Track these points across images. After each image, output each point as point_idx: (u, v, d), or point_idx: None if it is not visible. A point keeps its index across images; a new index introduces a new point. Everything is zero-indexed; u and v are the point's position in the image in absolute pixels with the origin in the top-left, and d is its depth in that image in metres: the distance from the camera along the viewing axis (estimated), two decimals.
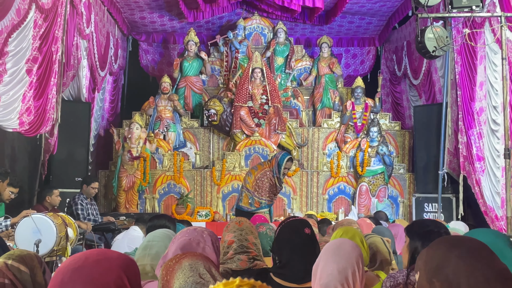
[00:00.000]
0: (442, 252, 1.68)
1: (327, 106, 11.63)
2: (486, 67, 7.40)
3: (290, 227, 3.20)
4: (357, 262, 2.45)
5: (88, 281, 1.48)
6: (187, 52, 11.57)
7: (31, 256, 2.37)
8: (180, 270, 1.96)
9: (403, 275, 2.78)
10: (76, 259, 1.55)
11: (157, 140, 10.57)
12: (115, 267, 1.54)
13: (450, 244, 1.70)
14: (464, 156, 8.32)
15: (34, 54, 7.12)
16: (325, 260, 2.44)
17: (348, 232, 3.35)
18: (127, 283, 1.56)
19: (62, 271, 1.51)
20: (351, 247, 2.51)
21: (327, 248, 2.50)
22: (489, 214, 7.53)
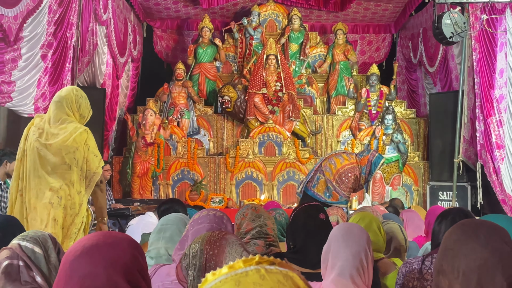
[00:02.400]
0: (448, 235, 1.71)
1: (341, 93, 11.56)
2: (507, 53, 7.30)
3: (304, 213, 3.19)
4: (368, 244, 2.46)
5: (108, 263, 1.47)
6: (201, 39, 11.54)
7: (45, 237, 2.37)
8: (229, 245, 1.97)
9: (418, 261, 2.77)
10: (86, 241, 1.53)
11: (171, 127, 10.59)
12: (128, 247, 1.54)
13: (456, 226, 1.72)
14: (481, 144, 8.24)
15: (49, 40, 7.15)
16: (336, 246, 2.43)
17: (365, 218, 3.33)
18: (142, 262, 1.56)
19: (72, 255, 1.50)
20: (360, 230, 2.52)
21: (336, 233, 2.50)
22: (508, 202, 7.47)
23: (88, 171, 4.15)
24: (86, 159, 4.12)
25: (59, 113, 4.12)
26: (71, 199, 4.12)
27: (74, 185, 4.12)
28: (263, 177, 10.36)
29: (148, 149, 9.99)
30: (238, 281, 0.95)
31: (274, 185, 10.36)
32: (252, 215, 3.57)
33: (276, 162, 10.40)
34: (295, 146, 10.40)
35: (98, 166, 4.16)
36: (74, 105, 4.15)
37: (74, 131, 4.07)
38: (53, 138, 4.09)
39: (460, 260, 1.59)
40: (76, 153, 4.08)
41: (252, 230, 3.51)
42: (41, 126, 4.13)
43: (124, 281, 1.46)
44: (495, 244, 1.59)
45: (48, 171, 4.08)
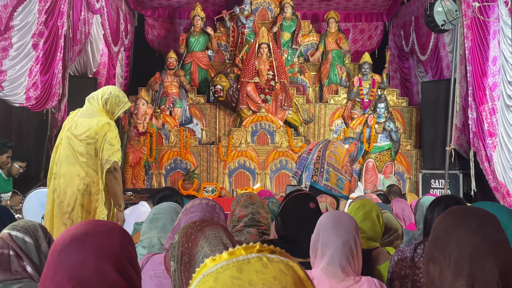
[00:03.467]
0: (438, 222, 1.71)
1: (334, 82, 11.55)
2: (500, 41, 7.29)
3: (294, 202, 3.19)
4: (357, 232, 2.47)
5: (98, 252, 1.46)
6: (193, 27, 11.48)
7: (35, 226, 2.37)
8: (203, 238, 1.96)
9: (410, 249, 2.78)
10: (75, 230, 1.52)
11: (163, 116, 10.56)
12: (117, 236, 1.53)
13: (447, 213, 1.71)
14: (473, 132, 8.25)
15: (40, 29, 7.09)
16: (325, 235, 2.43)
17: (366, 206, 3.32)
18: (131, 250, 1.55)
19: (61, 244, 1.49)
20: (348, 218, 2.52)
21: (324, 222, 2.49)
22: (500, 190, 7.50)
23: (101, 159, 4.55)
24: (102, 149, 4.54)
25: (89, 108, 4.62)
26: (96, 186, 4.56)
27: (97, 173, 4.57)
28: (255, 166, 10.36)
29: (140, 139, 9.96)
30: (240, 268, 0.96)
31: (267, 174, 10.37)
32: (245, 202, 3.57)
33: (268, 151, 10.41)
34: (287, 135, 10.40)
35: (111, 155, 4.53)
36: (100, 101, 4.62)
37: (97, 124, 4.54)
38: (79, 129, 4.56)
39: (451, 248, 1.59)
40: (96, 144, 4.53)
41: (245, 218, 3.51)
42: (74, 118, 4.64)
43: (113, 270, 1.46)
44: (486, 231, 1.60)
45: (77, 159, 4.54)
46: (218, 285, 0.94)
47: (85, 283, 1.43)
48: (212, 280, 0.95)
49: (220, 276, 0.95)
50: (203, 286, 0.96)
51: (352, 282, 2.37)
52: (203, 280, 0.97)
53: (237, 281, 0.94)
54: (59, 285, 1.44)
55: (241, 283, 0.93)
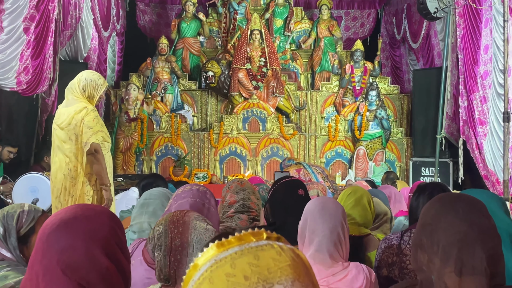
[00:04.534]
0: (426, 209, 1.71)
1: (326, 69, 11.53)
2: (492, 29, 7.29)
3: (284, 188, 3.19)
4: (344, 218, 2.47)
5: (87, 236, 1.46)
6: (185, 13, 11.41)
7: (12, 215, 2.35)
8: (192, 221, 1.97)
9: (397, 236, 2.80)
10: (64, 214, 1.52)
11: (154, 102, 10.52)
12: (106, 220, 1.53)
13: (434, 200, 1.72)
14: (464, 120, 8.28)
15: (31, 13, 7.02)
16: (312, 221, 2.44)
17: (357, 192, 3.34)
18: (120, 234, 1.55)
19: (50, 228, 1.49)
20: (335, 204, 2.52)
21: (311, 209, 2.49)
22: (490, 178, 7.53)
23: (81, 142, 4.73)
24: (81, 132, 4.72)
25: (69, 98, 4.83)
26: (76, 170, 4.77)
27: (77, 157, 4.77)
28: (247, 153, 10.36)
29: (131, 124, 9.93)
30: (257, 255, 0.95)
31: (258, 161, 10.37)
32: (236, 187, 3.58)
33: (260, 138, 10.40)
34: (279, 122, 10.40)
35: (90, 137, 4.68)
36: (77, 88, 4.80)
37: (74, 110, 4.71)
38: (60, 118, 4.78)
39: (439, 235, 1.60)
40: (75, 129, 4.71)
41: (236, 204, 3.52)
42: (59, 110, 4.90)
43: (102, 254, 1.46)
44: (474, 217, 1.60)
45: (61, 147, 4.77)
46: (236, 271, 0.93)
47: (73, 267, 1.43)
48: (229, 266, 0.94)
49: (237, 263, 0.94)
50: (218, 271, 0.94)
51: (340, 268, 2.39)
52: (216, 265, 0.95)
53: (256, 268, 0.93)
54: (48, 269, 1.44)
55: (260, 270, 0.93)
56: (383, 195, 4.78)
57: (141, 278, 2.44)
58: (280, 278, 0.93)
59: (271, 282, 0.92)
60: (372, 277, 2.43)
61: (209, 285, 0.94)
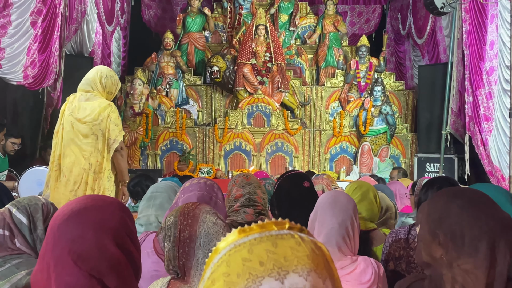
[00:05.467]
0: (444, 203, 1.68)
1: (331, 64, 11.52)
2: (498, 25, 7.26)
3: (289, 181, 3.20)
4: (354, 213, 2.47)
5: (97, 226, 1.47)
6: (190, 8, 11.40)
7: (37, 207, 2.35)
8: (202, 214, 1.98)
9: (404, 230, 2.80)
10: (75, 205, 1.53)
11: (159, 97, 10.53)
12: (117, 210, 1.54)
13: (451, 195, 1.69)
14: (469, 116, 8.26)
15: (38, 7, 7.03)
16: (322, 214, 2.44)
17: (363, 187, 3.34)
18: (130, 225, 1.56)
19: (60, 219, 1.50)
20: (346, 199, 2.52)
21: (322, 202, 2.49)
22: (495, 174, 7.52)
23: (109, 139, 4.83)
24: (108, 129, 4.82)
25: (88, 91, 4.87)
26: (99, 165, 4.84)
27: (101, 153, 4.85)
28: (251, 148, 10.37)
29: (136, 119, 9.94)
30: (275, 243, 0.95)
31: (263, 156, 10.38)
32: (242, 182, 3.58)
33: (264, 133, 10.41)
34: (284, 117, 10.40)
35: (118, 135, 4.82)
36: (99, 85, 4.86)
37: (99, 106, 4.80)
38: (82, 112, 4.81)
39: (462, 228, 1.59)
40: (101, 125, 4.80)
41: (242, 198, 3.52)
42: (74, 103, 4.88)
43: (113, 244, 1.46)
44: (496, 211, 1.61)
45: (81, 141, 4.82)
46: (252, 257, 0.93)
47: (84, 257, 1.44)
48: (246, 251, 0.94)
49: (254, 249, 0.95)
50: (235, 255, 0.95)
51: (349, 261, 2.39)
52: (235, 249, 0.96)
53: (272, 255, 0.93)
54: (59, 258, 1.45)
55: (276, 258, 0.93)
56: (389, 190, 4.79)
57: (148, 271, 2.45)
58: (296, 267, 0.93)
59: (286, 270, 0.92)
60: (380, 271, 2.43)
61: (226, 268, 0.94)
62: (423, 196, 3.01)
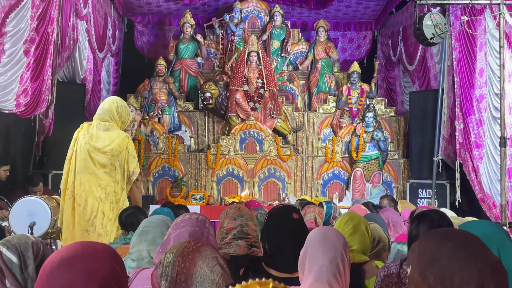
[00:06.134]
0: (434, 245, 1.68)
1: (323, 90, 11.59)
2: (487, 53, 7.37)
3: (278, 213, 3.20)
4: (345, 249, 2.46)
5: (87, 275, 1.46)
6: (182, 34, 11.48)
7: (27, 246, 2.34)
8: (201, 258, 1.96)
9: (396, 265, 2.80)
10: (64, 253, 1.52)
11: (152, 123, 10.54)
12: (107, 258, 1.53)
13: (442, 237, 1.70)
14: (460, 143, 8.32)
15: (31, 35, 7.05)
16: (313, 251, 2.43)
17: (354, 219, 3.35)
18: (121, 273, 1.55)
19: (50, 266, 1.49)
20: (336, 235, 2.51)
21: (312, 238, 2.49)
22: (486, 201, 7.55)
23: (127, 171, 4.96)
24: (126, 161, 4.95)
25: (104, 121, 5.01)
26: (116, 195, 4.94)
27: (119, 183, 4.94)
28: (244, 174, 10.36)
29: None
30: None
31: (255, 182, 10.37)
32: (234, 214, 3.58)
33: (257, 159, 10.41)
34: (276, 143, 10.42)
35: (136, 167, 4.99)
36: (115, 115, 5.03)
37: (117, 137, 4.94)
38: (101, 142, 4.92)
39: (452, 271, 1.59)
40: (119, 156, 4.93)
41: (234, 230, 3.51)
42: (90, 131, 5.00)
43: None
44: (487, 254, 1.61)
45: (98, 170, 4.90)
46: None
47: None
48: None
49: None
50: None
51: None
52: None
53: None
54: None
55: None
56: (382, 220, 4.78)
57: None
58: None
59: None
60: None
61: None
62: (414, 230, 3.01)
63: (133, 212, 4.45)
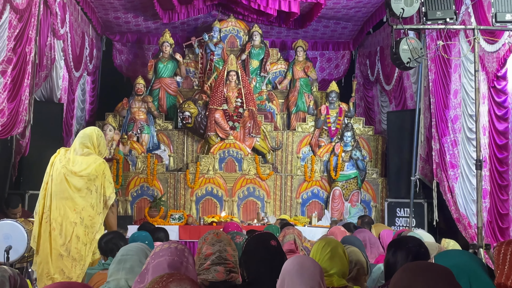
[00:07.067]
0: (407, 280, 1.73)
1: (301, 109, 11.66)
2: (461, 75, 7.50)
3: (255, 241, 3.21)
4: (321, 277, 2.47)
5: None
6: (161, 53, 11.49)
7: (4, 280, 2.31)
8: None
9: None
10: None
11: (130, 142, 10.49)
12: None
13: (415, 272, 1.74)
14: (436, 163, 8.42)
15: (8, 55, 7.00)
16: (290, 282, 2.43)
17: (331, 243, 3.36)
18: None
19: None
20: (312, 264, 2.52)
21: (289, 269, 2.49)
22: (462, 221, 7.63)
23: (104, 196, 5.01)
24: (102, 186, 4.99)
25: (83, 146, 5.10)
26: (92, 219, 4.96)
27: (94, 207, 4.97)
28: (223, 193, 10.34)
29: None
30: None
31: (235, 201, 10.36)
32: (212, 239, 3.57)
33: (236, 178, 10.41)
34: (255, 162, 10.44)
35: (112, 192, 5.04)
36: (95, 141, 5.15)
37: (94, 162, 4.99)
38: (78, 166, 4.97)
39: None
40: (96, 180, 4.96)
41: (212, 256, 3.50)
42: (67, 155, 5.06)
43: None
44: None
45: (74, 194, 4.94)
46: None
47: None
48: None
49: None
50: None
51: None
52: None
53: None
54: None
55: None
56: (360, 243, 4.80)
57: None
58: None
59: None
60: None
61: None
62: (391, 258, 3.03)
63: (113, 238, 4.42)
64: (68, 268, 4.97)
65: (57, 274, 4.97)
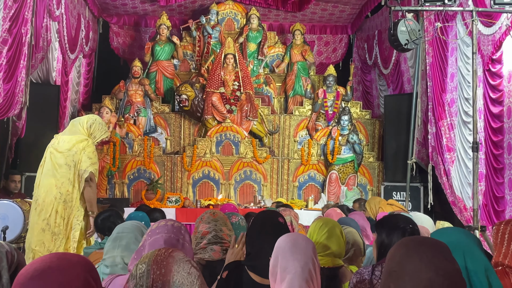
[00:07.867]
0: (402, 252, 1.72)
1: (299, 93, 11.64)
2: (457, 58, 7.48)
3: (264, 215, 3.21)
4: (314, 253, 2.47)
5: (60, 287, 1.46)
6: (158, 36, 11.43)
7: (1, 256, 2.30)
8: (176, 263, 1.95)
9: (368, 271, 2.83)
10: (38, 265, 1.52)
11: (127, 125, 10.47)
12: (81, 271, 1.52)
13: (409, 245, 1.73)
14: (432, 146, 8.43)
15: (4, 36, 6.96)
16: (284, 259, 2.43)
17: (328, 223, 3.37)
18: (95, 285, 1.55)
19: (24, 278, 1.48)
20: (305, 241, 2.52)
21: (282, 246, 2.49)
22: (457, 204, 7.66)
23: (80, 170, 5.19)
24: (80, 160, 5.19)
25: (72, 128, 5.38)
26: (70, 194, 5.17)
27: (72, 183, 5.17)
28: (220, 176, 10.36)
29: (103, 147, 9.85)
30: None
31: (231, 184, 10.37)
32: (208, 218, 3.59)
33: (233, 162, 10.42)
34: (252, 146, 10.43)
35: (88, 166, 5.19)
36: (85, 124, 5.33)
37: (76, 140, 5.22)
38: (61, 144, 5.22)
39: (405, 282, 1.63)
40: (74, 156, 5.18)
41: (208, 235, 3.52)
42: (58, 137, 5.33)
43: None
44: (438, 263, 1.63)
45: (56, 171, 5.17)
46: None
47: None
48: None
49: None
50: None
51: None
52: None
53: None
54: None
55: None
56: (355, 224, 4.81)
57: None
58: None
59: None
60: None
61: None
62: (386, 239, 3.02)
63: (109, 216, 4.42)
64: (48, 241, 5.19)
65: (38, 247, 5.18)
